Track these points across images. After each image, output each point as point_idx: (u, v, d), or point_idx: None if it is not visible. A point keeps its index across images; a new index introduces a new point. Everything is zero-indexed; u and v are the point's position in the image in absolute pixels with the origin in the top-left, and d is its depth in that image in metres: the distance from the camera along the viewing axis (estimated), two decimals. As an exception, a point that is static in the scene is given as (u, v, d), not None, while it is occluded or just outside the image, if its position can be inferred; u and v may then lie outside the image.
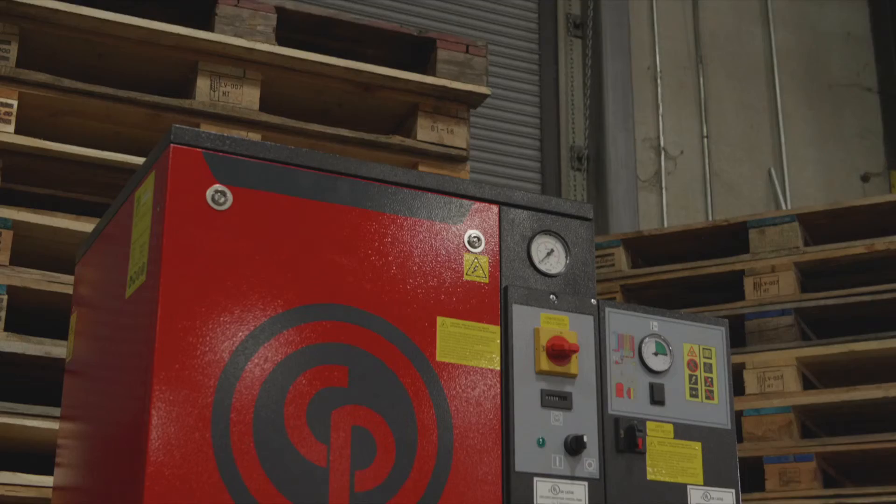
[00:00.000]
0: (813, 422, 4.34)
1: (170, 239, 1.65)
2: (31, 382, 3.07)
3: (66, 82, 3.13)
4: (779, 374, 4.19)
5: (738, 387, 4.17)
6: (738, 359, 4.19)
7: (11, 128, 3.06)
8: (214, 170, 1.71)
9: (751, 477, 4.08)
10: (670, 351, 1.97)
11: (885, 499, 4.00)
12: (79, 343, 2.12)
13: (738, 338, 4.29)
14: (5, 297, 2.94)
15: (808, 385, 4.29)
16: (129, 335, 1.75)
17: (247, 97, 3.28)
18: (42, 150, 3.08)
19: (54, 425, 2.79)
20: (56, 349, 2.95)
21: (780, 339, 4.27)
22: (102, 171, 3.19)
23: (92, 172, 3.19)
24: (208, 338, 1.63)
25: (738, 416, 4.06)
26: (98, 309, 2.02)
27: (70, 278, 2.94)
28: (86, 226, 3.05)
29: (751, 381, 4.23)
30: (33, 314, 3.09)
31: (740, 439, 4.07)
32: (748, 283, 4.42)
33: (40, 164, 3.16)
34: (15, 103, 3.07)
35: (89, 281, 2.13)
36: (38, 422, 2.88)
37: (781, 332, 4.28)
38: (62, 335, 2.68)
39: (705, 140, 7.51)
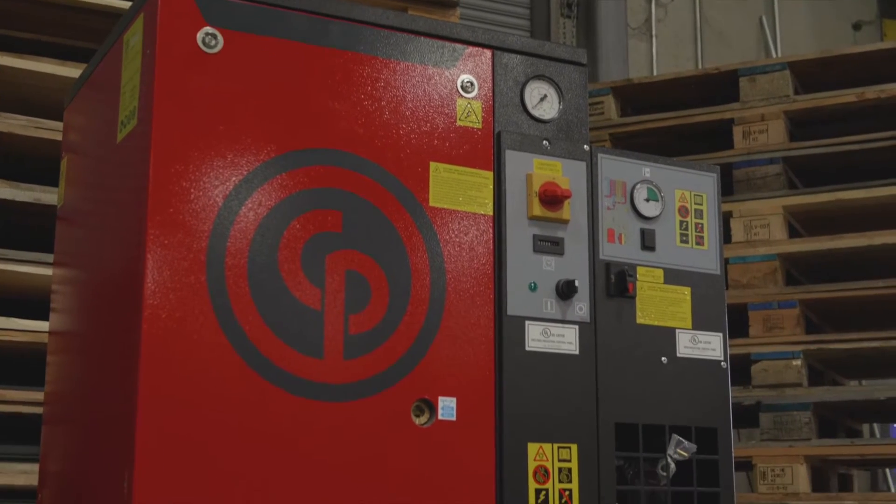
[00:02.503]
0: (798, 270, 4.39)
1: (160, 82, 1.63)
2: (22, 229, 3.07)
3: (46, -78, 3.06)
4: (765, 222, 4.22)
5: (724, 235, 4.19)
6: (725, 207, 4.21)
7: (-10, -31, 3.00)
8: (205, 12, 1.68)
9: (735, 323, 4.14)
10: (662, 197, 1.98)
11: (864, 344, 4.07)
12: (70, 189, 2.11)
13: (726, 186, 4.30)
14: (-8, 144, 2.93)
15: (794, 233, 4.33)
16: (122, 180, 1.74)
17: (232, -61, 3.20)
18: (23, -8, 3.03)
19: (47, 271, 2.80)
20: (46, 195, 2.94)
21: (768, 187, 4.29)
22: (86, 16, 3.13)
23: (76, 17, 3.14)
24: (201, 182, 1.63)
25: (723, 264, 4.09)
26: (89, 155, 2.01)
27: (58, 124, 2.91)
28: (72, 71, 3.01)
29: (737, 230, 4.26)
30: (21, 161, 3.07)
31: (726, 286, 4.12)
32: (737, 131, 4.41)
33: (21, 7, 3.10)
34: (-7, -56, 3.00)
35: (79, 127, 2.11)
36: (31, 267, 2.90)
37: (769, 180, 4.29)
38: (51, 181, 2.68)
39: (697, -13, 7.41)
